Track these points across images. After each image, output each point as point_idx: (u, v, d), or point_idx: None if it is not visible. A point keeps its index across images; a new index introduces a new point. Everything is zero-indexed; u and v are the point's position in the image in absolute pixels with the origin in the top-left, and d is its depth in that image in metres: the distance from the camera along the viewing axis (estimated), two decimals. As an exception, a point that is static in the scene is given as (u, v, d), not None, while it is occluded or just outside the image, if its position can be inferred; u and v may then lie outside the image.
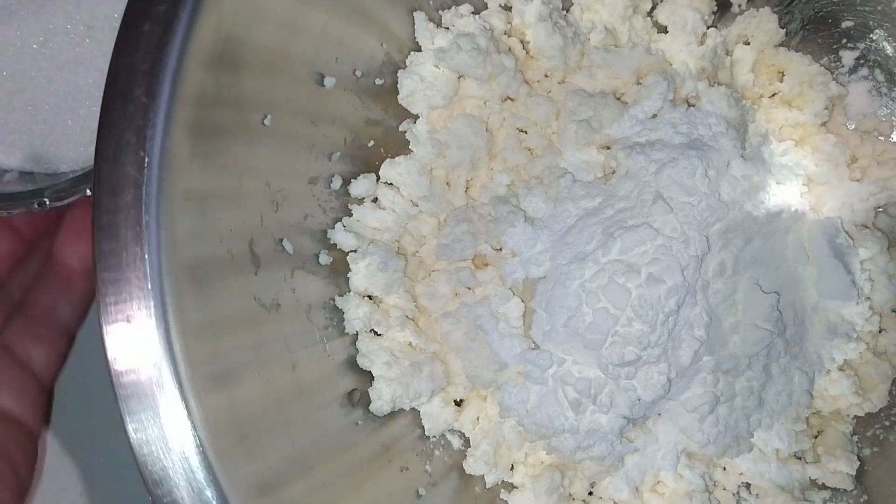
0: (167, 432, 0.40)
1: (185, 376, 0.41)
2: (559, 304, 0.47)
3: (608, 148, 0.52)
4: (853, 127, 0.55)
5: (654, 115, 0.51)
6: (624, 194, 0.48)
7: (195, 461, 0.39)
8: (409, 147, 0.53)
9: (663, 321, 0.45)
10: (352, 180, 0.52)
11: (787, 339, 0.48)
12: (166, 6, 0.37)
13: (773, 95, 0.55)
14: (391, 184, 0.53)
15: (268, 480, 0.44)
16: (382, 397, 0.51)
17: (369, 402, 0.51)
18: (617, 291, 0.45)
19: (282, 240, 0.48)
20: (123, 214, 0.38)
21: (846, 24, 0.54)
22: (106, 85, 0.37)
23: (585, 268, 0.46)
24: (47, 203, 0.51)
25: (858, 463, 0.52)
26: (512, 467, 0.53)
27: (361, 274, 0.51)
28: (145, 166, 0.37)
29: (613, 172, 0.51)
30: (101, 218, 0.37)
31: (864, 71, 0.55)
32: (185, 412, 0.40)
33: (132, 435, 0.38)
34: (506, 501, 0.53)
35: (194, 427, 0.41)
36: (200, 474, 0.39)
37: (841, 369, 0.52)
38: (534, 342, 0.50)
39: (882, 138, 0.54)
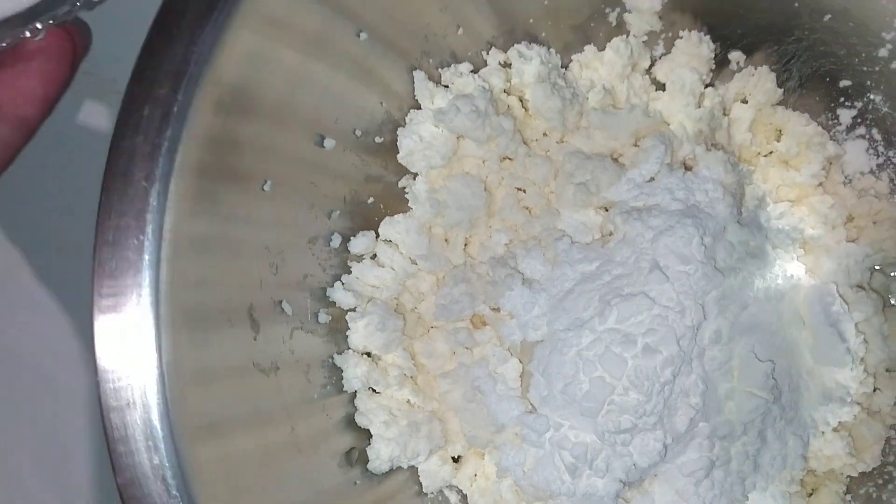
0: (154, 487, 0.40)
1: (177, 423, 0.41)
2: (556, 370, 0.47)
3: (606, 210, 0.52)
4: (850, 186, 0.56)
5: (652, 179, 0.51)
6: (621, 260, 0.48)
7: None
8: (409, 205, 0.54)
9: (659, 391, 0.45)
10: (351, 238, 0.53)
11: (783, 405, 0.49)
12: (166, 90, 0.37)
13: (770, 154, 0.56)
14: (390, 241, 0.53)
15: None
16: (381, 457, 0.51)
17: (367, 460, 0.52)
18: (613, 361, 0.46)
19: (281, 301, 0.49)
20: (122, 298, 0.38)
21: (844, 83, 0.55)
22: (106, 168, 0.37)
23: (582, 335, 0.47)
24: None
25: (851, 521, 0.52)
26: (510, 523, 0.54)
27: (360, 333, 0.52)
28: (144, 250, 0.38)
29: (611, 235, 0.51)
30: (100, 302, 0.38)
31: (861, 129, 0.55)
32: (174, 462, 0.40)
33: (119, 480, 0.39)
34: (502, 557, 0.53)
35: (184, 479, 0.41)
36: None
37: (835, 430, 0.52)
38: (531, 405, 0.50)
39: (879, 198, 0.55)
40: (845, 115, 0.56)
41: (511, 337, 0.51)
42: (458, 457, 0.54)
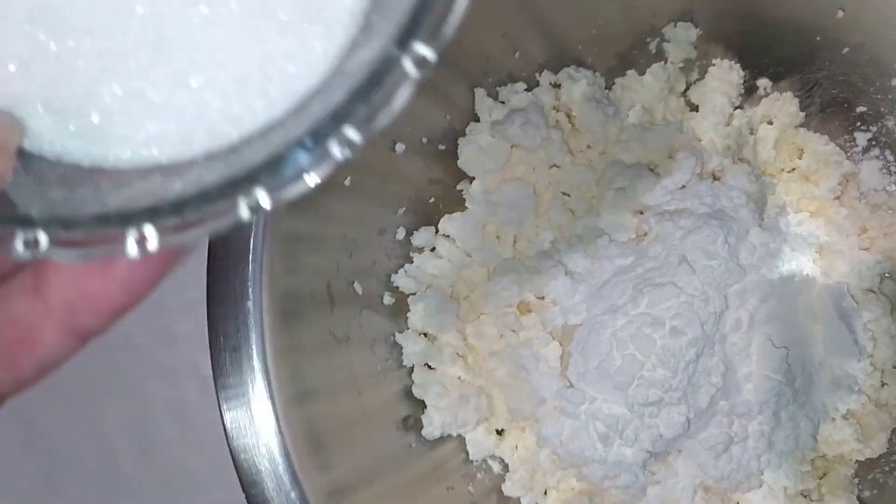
0: (260, 441, 0.47)
1: (276, 392, 0.48)
2: (593, 349, 0.54)
3: (641, 213, 0.59)
4: (864, 201, 0.62)
5: (683, 187, 0.57)
6: (653, 255, 0.55)
7: (282, 467, 0.46)
8: (466, 204, 0.61)
9: (684, 368, 0.52)
10: (414, 232, 0.60)
11: (796, 389, 0.55)
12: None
13: (793, 171, 0.62)
14: (448, 236, 0.60)
15: (337, 488, 0.51)
16: (433, 423, 0.58)
17: (422, 427, 0.58)
18: (644, 340, 0.52)
19: (353, 282, 0.56)
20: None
21: (860, 108, 0.61)
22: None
23: (617, 319, 0.53)
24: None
25: (858, 503, 0.58)
26: (546, 492, 0.60)
27: (419, 315, 0.59)
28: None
29: (645, 234, 0.58)
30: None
31: (875, 151, 0.61)
32: (274, 423, 0.47)
33: (232, 443, 0.46)
34: (538, 523, 0.60)
35: (281, 436, 0.48)
36: (286, 478, 0.46)
37: (844, 418, 0.57)
38: (569, 381, 0.56)
39: (890, 212, 0.61)
40: (861, 138, 0.62)
41: (553, 321, 0.57)
42: (502, 430, 0.61)
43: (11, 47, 0.22)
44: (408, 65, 0.21)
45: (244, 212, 0.21)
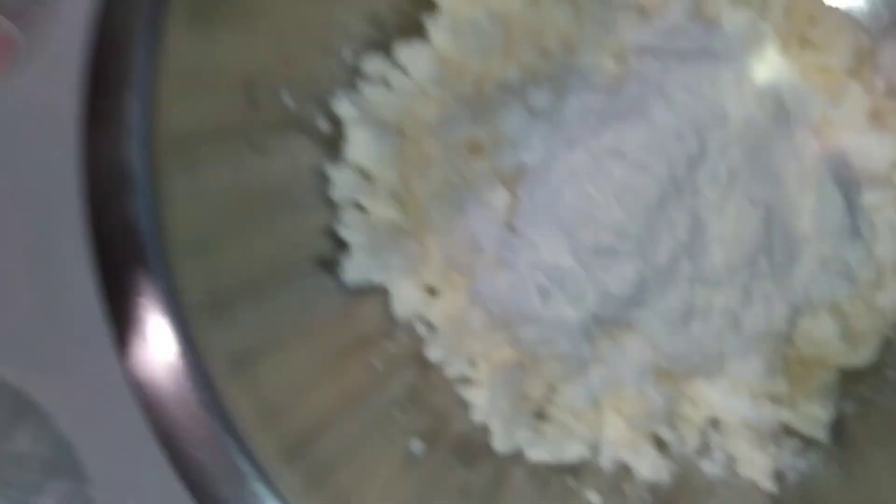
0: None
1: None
2: (542, 187, 0.46)
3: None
4: (882, 83, 0.54)
5: (675, 28, 0.50)
6: (628, 94, 0.48)
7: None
8: (427, 33, 0.54)
9: (644, 212, 0.44)
10: (364, 56, 0.53)
11: (773, 263, 0.47)
12: None
13: (806, 41, 0.54)
14: (403, 66, 0.53)
15: (242, 350, 0.44)
16: (354, 266, 0.51)
17: (342, 270, 0.51)
18: (601, 176, 0.44)
19: (283, 94, 0.49)
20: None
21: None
22: None
23: (574, 152, 0.46)
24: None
25: (835, 413, 0.49)
26: (474, 363, 0.52)
27: (358, 147, 0.52)
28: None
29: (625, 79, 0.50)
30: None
31: (898, 29, 0.53)
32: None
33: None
34: (462, 395, 0.52)
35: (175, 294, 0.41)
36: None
37: (830, 314, 0.49)
38: (513, 229, 0.49)
39: (910, 98, 0.53)
40: (883, 16, 0.54)
41: (505, 162, 0.50)
42: (435, 291, 0.53)
43: None
44: None
45: None
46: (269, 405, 0.44)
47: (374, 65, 0.53)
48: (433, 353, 0.52)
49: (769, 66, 0.50)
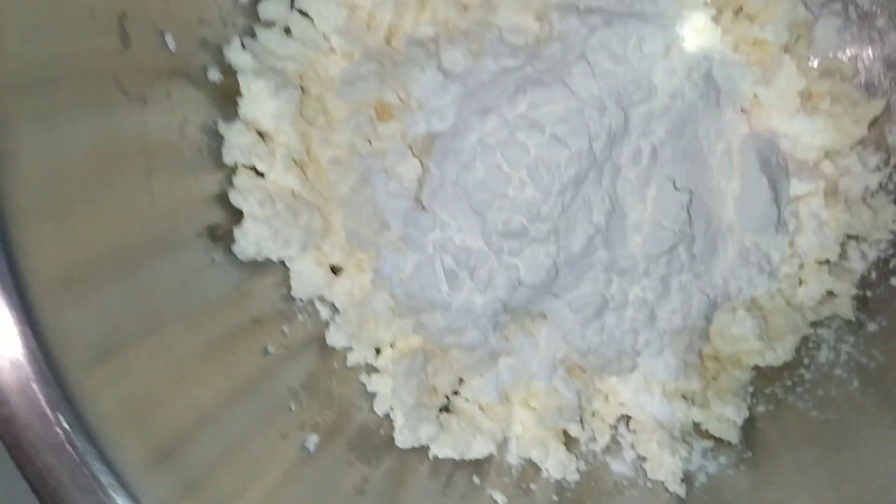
0: None
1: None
2: (453, 157, 0.42)
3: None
4: (816, 64, 0.51)
5: (602, -13, 0.46)
6: (549, 55, 0.43)
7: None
8: (335, -22, 0.48)
9: (559, 192, 0.40)
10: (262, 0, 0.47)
11: (693, 254, 0.44)
12: None
13: (739, 11, 0.51)
14: (306, 13, 0.48)
15: (107, 336, 0.38)
16: (248, 237, 0.45)
17: (233, 242, 0.46)
18: (515, 149, 0.40)
19: (164, 32, 0.43)
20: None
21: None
22: None
23: (487, 120, 0.41)
24: None
25: (748, 414, 0.48)
26: (379, 352, 0.48)
27: (252, 98, 0.46)
28: None
29: (546, 41, 0.46)
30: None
31: (837, 6, 0.51)
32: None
33: None
34: (364, 385, 0.48)
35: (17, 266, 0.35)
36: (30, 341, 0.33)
37: (748, 310, 0.47)
38: (422, 206, 0.45)
39: (843, 82, 0.50)
40: (825, -12, 0.51)
41: (415, 128, 0.45)
42: (338, 270, 0.49)
43: None
44: None
45: None
46: (139, 400, 0.39)
47: (274, 9, 0.47)
48: (335, 338, 0.47)
49: (701, 36, 0.46)
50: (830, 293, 0.49)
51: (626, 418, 0.49)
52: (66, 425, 0.34)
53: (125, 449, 0.36)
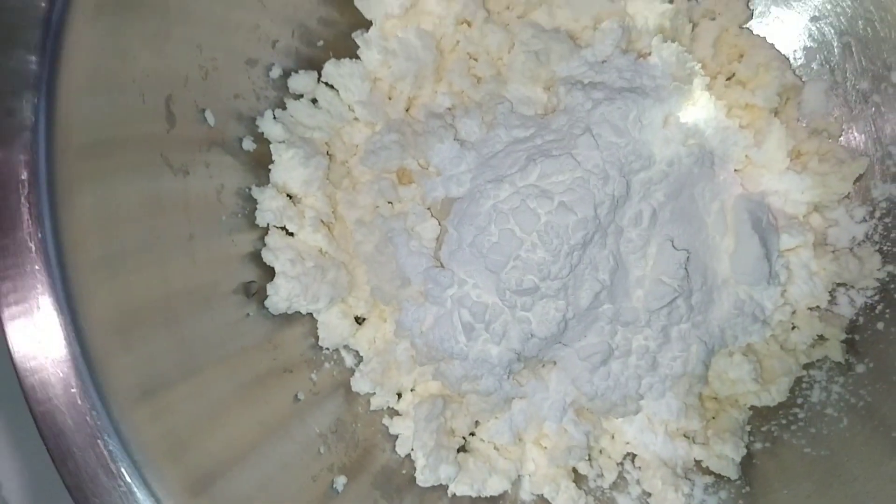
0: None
1: (72, 255, 0.39)
2: (469, 221, 0.46)
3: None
4: (804, 123, 0.55)
5: (604, 61, 0.50)
6: (556, 127, 0.47)
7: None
8: (358, 53, 0.52)
9: (567, 253, 0.44)
10: (292, 74, 0.51)
11: (692, 305, 0.47)
12: None
13: (731, 77, 0.55)
14: (332, 86, 0.52)
15: (151, 378, 0.42)
16: (279, 293, 0.49)
17: (265, 297, 0.50)
18: (526, 215, 0.44)
19: (204, 110, 0.47)
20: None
21: (814, 16, 0.54)
22: None
23: (501, 189, 0.45)
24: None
25: (745, 451, 0.51)
26: (400, 396, 0.52)
27: (283, 166, 0.50)
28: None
29: (554, 111, 0.50)
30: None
31: (824, 70, 0.54)
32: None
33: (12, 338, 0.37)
34: (387, 427, 0.52)
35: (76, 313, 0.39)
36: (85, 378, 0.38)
37: (744, 354, 0.51)
38: (440, 263, 0.48)
39: (830, 140, 0.54)
40: (811, 54, 0.55)
41: (434, 193, 0.49)
42: (362, 319, 0.53)
43: None
44: None
45: None
46: (178, 435, 0.42)
47: (303, 82, 0.51)
48: (359, 384, 0.51)
49: (696, 104, 0.50)
50: (821, 337, 0.52)
51: (632, 456, 0.52)
52: (111, 453, 0.38)
53: (165, 479, 0.40)
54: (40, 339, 0.39)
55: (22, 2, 0.37)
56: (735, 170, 0.51)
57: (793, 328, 0.52)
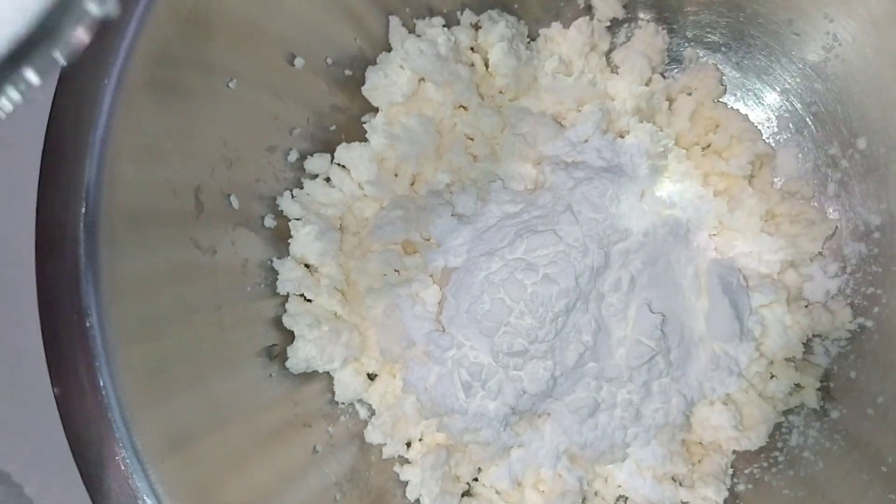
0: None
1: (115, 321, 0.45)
2: (465, 291, 0.51)
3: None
4: (778, 187, 0.59)
5: (586, 141, 0.55)
6: (542, 204, 0.53)
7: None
8: (366, 136, 0.58)
9: (552, 319, 0.49)
10: (308, 156, 0.57)
11: (670, 361, 0.52)
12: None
13: (707, 147, 0.60)
14: (344, 166, 0.58)
15: (181, 430, 0.48)
16: (299, 355, 0.55)
17: (286, 358, 0.55)
18: (514, 285, 0.49)
19: (230, 195, 0.53)
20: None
21: (784, 88, 0.59)
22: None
23: (493, 262, 0.51)
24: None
25: (727, 493, 0.55)
26: (409, 445, 0.57)
27: (301, 241, 0.56)
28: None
29: (541, 187, 0.55)
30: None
31: (795, 138, 0.59)
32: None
33: (56, 390, 0.43)
34: (398, 474, 0.57)
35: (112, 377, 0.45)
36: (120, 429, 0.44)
37: (724, 403, 0.55)
38: (442, 326, 0.54)
39: (802, 200, 0.58)
40: (783, 122, 0.60)
41: (434, 262, 0.55)
42: (374, 376, 0.58)
43: None
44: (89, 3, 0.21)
45: None
46: (204, 484, 0.48)
47: (318, 164, 0.57)
48: (372, 435, 0.56)
49: (671, 177, 0.56)
50: (798, 385, 0.57)
51: (624, 498, 0.57)
52: (145, 498, 0.44)
53: None
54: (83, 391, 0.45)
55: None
56: (711, 234, 0.56)
57: (771, 377, 0.57)
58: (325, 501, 0.53)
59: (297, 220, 0.56)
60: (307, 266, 0.57)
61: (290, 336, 0.56)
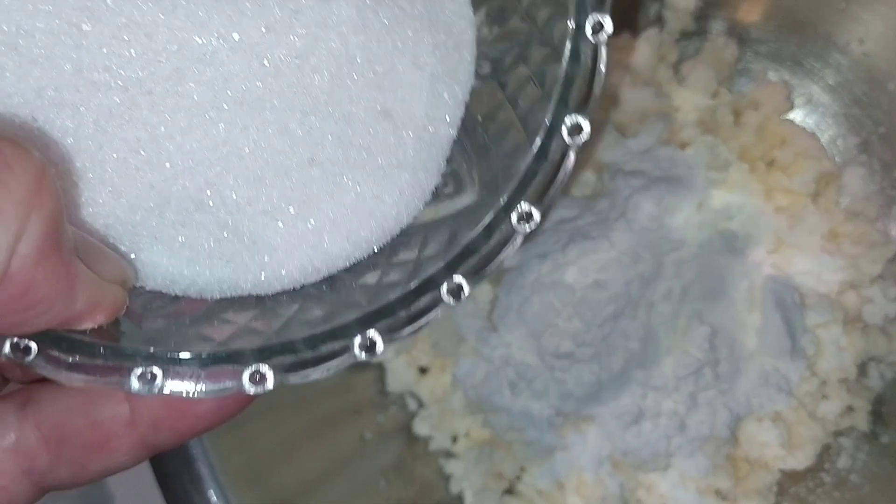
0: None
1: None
2: (517, 291, 0.52)
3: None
4: (843, 207, 0.59)
5: (646, 150, 0.56)
6: (598, 210, 0.53)
7: None
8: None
9: (599, 324, 0.50)
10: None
11: (718, 374, 0.52)
12: None
13: (772, 162, 0.59)
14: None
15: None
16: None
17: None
18: (563, 289, 0.50)
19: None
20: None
21: (854, 110, 0.58)
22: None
23: (544, 264, 0.52)
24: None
25: (771, 511, 0.55)
26: (455, 440, 0.58)
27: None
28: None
29: (600, 194, 0.56)
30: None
31: (862, 157, 0.58)
32: None
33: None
34: (442, 467, 0.58)
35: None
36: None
37: (773, 420, 0.55)
38: (492, 324, 0.55)
39: (866, 221, 0.58)
40: (851, 141, 0.59)
41: (489, 262, 0.56)
42: (425, 369, 0.59)
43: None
44: (516, 223, 0.23)
45: (359, 352, 0.23)
46: (258, 463, 0.50)
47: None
48: (420, 427, 0.58)
49: (730, 191, 0.55)
50: (849, 407, 0.56)
51: (666, 508, 0.57)
52: (203, 474, 0.46)
53: (245, 499, 0.47)
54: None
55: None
56: (768, 251, 0.56)
57: (823, 397, 0.56)
58: (371, 489, 0.55)
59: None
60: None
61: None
